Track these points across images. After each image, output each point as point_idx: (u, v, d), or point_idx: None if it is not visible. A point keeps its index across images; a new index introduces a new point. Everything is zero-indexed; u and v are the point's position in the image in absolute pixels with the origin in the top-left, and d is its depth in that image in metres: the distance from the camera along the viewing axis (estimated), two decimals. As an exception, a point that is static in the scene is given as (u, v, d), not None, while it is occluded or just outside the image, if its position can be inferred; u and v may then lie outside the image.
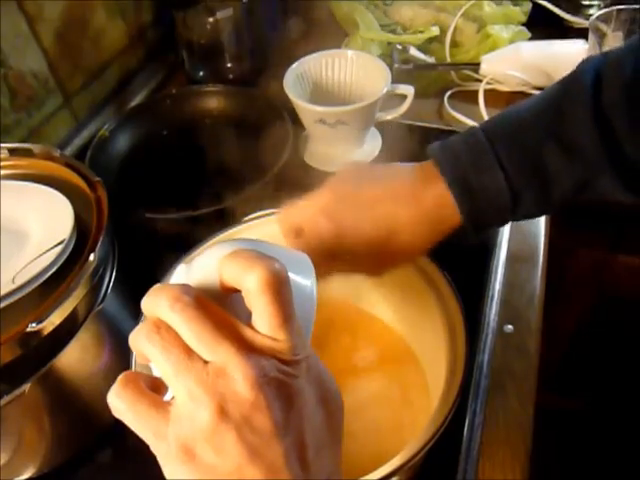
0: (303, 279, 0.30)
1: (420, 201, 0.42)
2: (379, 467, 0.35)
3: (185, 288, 0.26)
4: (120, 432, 0.53)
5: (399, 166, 0.45)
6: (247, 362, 0.24)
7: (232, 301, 0.27)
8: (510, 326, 0.58)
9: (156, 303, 0.26)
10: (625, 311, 1.01)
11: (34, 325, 0.40)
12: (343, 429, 0.29)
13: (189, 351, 0.25)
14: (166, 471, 0.26)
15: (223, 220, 0.64)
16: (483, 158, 0.40)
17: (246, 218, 0.56)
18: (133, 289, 0.53)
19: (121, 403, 0.26)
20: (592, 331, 1.06)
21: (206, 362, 0.25)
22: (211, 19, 0.85)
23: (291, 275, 0.27)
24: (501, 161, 0.40)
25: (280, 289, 0.25)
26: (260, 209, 0.59)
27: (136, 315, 0.46)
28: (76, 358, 0.47)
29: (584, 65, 0.41)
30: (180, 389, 0.25)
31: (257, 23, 0.90)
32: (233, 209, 0.65)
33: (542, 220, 0.68)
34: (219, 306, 0.26)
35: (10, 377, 0.43)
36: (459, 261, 0.48)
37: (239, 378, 0.24)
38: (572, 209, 0.79)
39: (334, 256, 0.44)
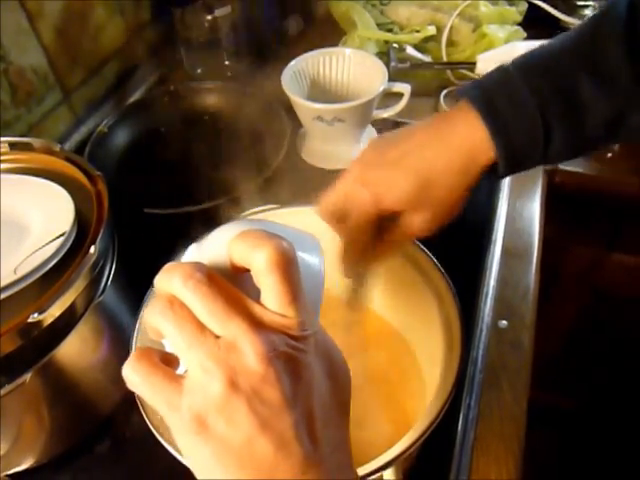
0: (311, 257, 0.30)
1: (450, 142, 0.42)
2: (373, 458, 0.36)
3: (198, 265, 0.27)
4: (118, 423, 0.54)
5: (424, 120, 0.44)
6: (257, 337, 0.25)
7: (242, 280, 0.28)
8: (504, 321, 0.58)
9: (169, 280, 0.26)
10: (619, 309, 1.01)
11: (36, 315, 0.41)
12: (350, 404, 0.29)
13: (201, 326, 0.26)
14: (179, 442, 0.26)
15: (220, 216, 0.64)
16: (515, 89, 0.40)
17: (243, 214, 0.56)
18: (132, 283, 0.54)
19: (136, 376, 0.26)
20: (586, 329, 1.07)
21: (218, 337, 0.25)
22: (209, 17, 0.85)
23: (299, 254, 0.27)
24: (533, 90, 0.39)
25: (288, 267, 0.26)
26: (258, 205, 0.60)
27: (135, 308, 0.47)
28: (75, 349, 0.48)
29: None
30: (193, 362, 0.25)
31: (255, 21, 0.90)
32: (231, 205, 0.66)
33: (536, 217, 0.69)
34: (231, 284, 0.27)
35: (10, 368, 0.43)
36: (454, 257, 0.48)
37: (249, 352, 0.25)
38: (565, 206, 0.81)
39: (382, 227, 0.44)
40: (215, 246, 0.29)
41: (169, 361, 0.27)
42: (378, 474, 0.35)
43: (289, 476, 0.25)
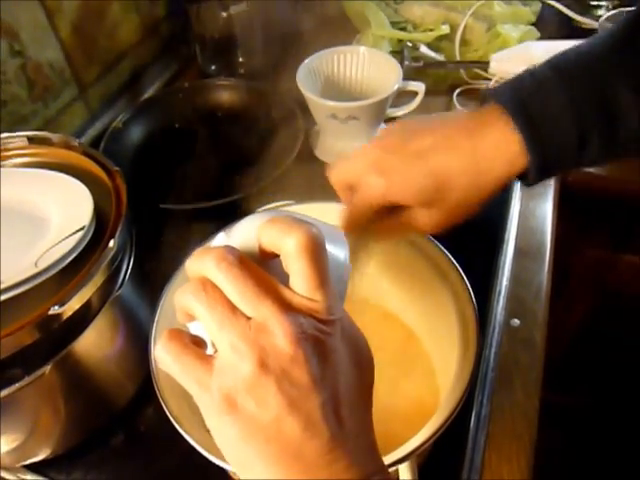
0: (336, 249, 0.31)
1: (479, 146, 0.40)
2: (386, 454, 0.36)
3: (229, 249, 0.27)
4: (133, 417, 0.55)
5: (452, 113, 0.42)
6: (287, 319, 0.25)
7: (271, 266, 0.28)
8: (517, 320, 0.59)
9: (202, 262, 0.27)
10: (628, 310, 1.01)
11: (56, 308, 0.41)
12: (373, 390, 0.30)
13: (233, 307, 0.26)
14: (209, 422, 0.27)
15: (235, 212, 0.65)
16: (551, 97, 0.38)
17: (258, 210, 0.57)
18: (148, 277, 0.55)
19: (167, 355, 0.27)
20: (596, 329, 1.07)
21: (248, 318, 0.26)
22: (224, 14, 0.86)
23: (326, 244, 0.28)
24: (571, 101, 0.38)
25: (317, 252, 0.27)
26: (272, 201, 0.60)
27: (151, 303, 0.47)
28: (93, 343, 0.48)
29: None
30: (224, 343, 0.26)
31: (270, 18, 0.91)
32: (245, 201, 0.66)
33: (549, 216, 0.69)
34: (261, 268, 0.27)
35: (29, 360, 0.44)
36: (467, 256, 0.48)
37: (279, 334, 0.25)
38: (576, 207, 0.81)
39: (389, 211, 0.43)
40: (244, 233, 0.29)
41: (197, 344, 0.28)
42: (394, 468, 0.35)
43: (315, 455, 0.25)
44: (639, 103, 0.37)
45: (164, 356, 0.27)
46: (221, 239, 0.31)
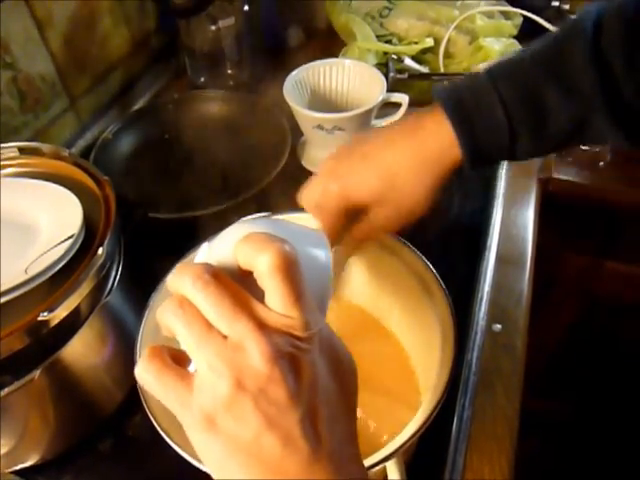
0: (318, 253, 0.31)
1: (417, 140, 0.43)
2: (372, 452, 0.37)
3: (206, 267, 0.28)
4: (121, 422, 0.55)
5: (399, 119, 0.47)
6: (262, 338, 0.26)
7: (252, 281, 0.28)
8: (498, 325, 0.60)
9: (180, 281, 0.27)
10: (613, 316, 1.02)
11: (45, 314, 0.42)
12: (357, 400, 0.30)
13: (209, 326, 0.27)
14: (192, 439, 0.27)
15: (222, 221, 0.66)
16: (483, 92, 0.42)
17: (244, 219, 0.57)
18: (136, 285, 0.55)
19: (148, 375, 0.27)
20: (580, 336, 1.08)
21: (225, 336, 0.26)
22: (213, 27, 0.87)
23: (306, 250, 0.28)
24: (501, 96, 0.41)
25: (289, 270, 0.27)
26: (260, 211, 0.61)
27: (139, 310, 0.48)
28: (81, 349, 0.49)
29: (585, 9, 0.42)
30: (201, 361, 0.26)
31: (258, 32, 0.92)
32: (233, 211, 0.67)
33: (530, 224, 0.71)
34: (239, 285, 0.28)
35: (18, 366, 0.44)
36: (450, 263, 0.50)
37: (255, 353, 0.25)
38: (560, 215, 0.83)
39: (352, 218, 0.46)
40: (224, 248, 0.30)
41: (181, 359, 0.28)
42: (381, 466, 0.36)
43: (297, 470, 0.26)
44: (565, 101, 0.40)
45: (145, 375, 0.27)
46: (204, 252, 0.31)
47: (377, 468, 0.36)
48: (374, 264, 0.54)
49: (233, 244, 0.29)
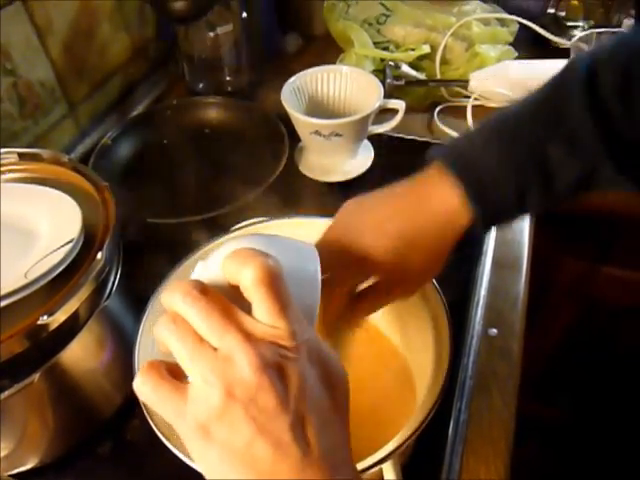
0: (306, 265, 0.32)
1: (427, 208, 0.42)
2: (369, 455, 0.38)
3: (196, 283, 0.29)
4: (119, 426, 0.56)
5: (398, 184, 0.45)
6: (251, 349, 0.27)
7: (242, 294, 0.30)
8: (494, 329, 0.60)
9: (172, 298, 0.29)
10: (608, 321, 1.03)
11: (45, 318, 0.42)
12: (349, 408, 0.31)
13: (201, 340, 0.28)
14: (188, 447, 0.28)
15: (221, 226, 0.66)
16: (489, 158, 0.41)
17: (238, 225, 0.58)
18: (135, 290, 0.56)
19: (145, 387, 0.29)
20: (576, 340, 1.09)
21: (216, 349, 0.28)
22: (212, 34, 0.88)
23: (295, 262, 0.30)
24: (506, 161, 0.41)
25: (273, 282, 0.28)
26: (257, 216, 0.62)
27: (138, 314, 0.48)
28: (80, 353, 0.49)
29: (576, 58, 0.41)
30: (195, 373, 0.28)
31: (256, 38, 0.93)
32: (231, 216, 0.67)
33: (526, 229, 0.71)
34: (230, 299, 0.29)
35: (17, 369, 0.45)
36: (447, 268, 0.50)
37: (244, 363, 0.27)
38: (557, 220, 0.83)
39: (364, 293, 0.44)
40: (215, 265, 0.31)
41: (176, 372, 0.29)
42: (377, 467, 0.37)
43: (289, 475, 0.27)
44: (569, 156, 0.40)
45: (142, 388, 0.29)
46: (198, 270, 0.33)
47: (373, 470, 0.37)
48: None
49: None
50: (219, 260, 0.31)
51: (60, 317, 0.44)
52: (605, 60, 0.40)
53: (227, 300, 0.29)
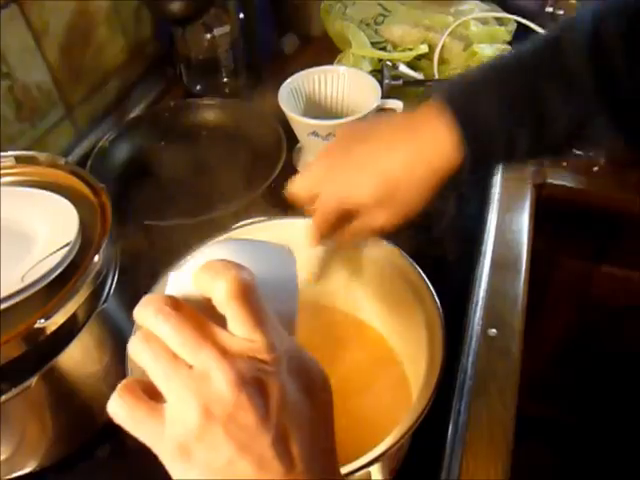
0: (284, 272, 0.32)
1: (417, 145, 0.43)
2: (359, 457, 0.37)
3: (168, 299, 0.28)
4: (119, 429, 0.55)
5: (392, 116, 0.46)
6: (227, 365, 0.26)
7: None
8: (494, 330, 0.60)
9: (143, 315, 0.28)
10: (609, 320, 1.03)
11: (42, 321, 0.42)
12: (333, 416, 0.30)
13: (175, 357, 0.27)
14: (169, 469, 0.27)
15: (218, 228, 0.66)
16: (484, 97, 0.42)
17: (236, 225, 0.58)
18: (132, 292, 0.56)
19: (121, 410, 0.27)
20: (575, 340, 1.08)
21: (191, 366, 0.27)
22: (208, 35, 0.88)
23: (271, 269, 0.29)
24: (502, 100, 0.41)
25: (246, 295, 0.27)
26: (255, 217, 0.61)
27: (135, 317, 0.48)
28: (78, 356, 0.49)
29: (582, 8, 0.42)
30: (170, 393, 0.27)
31: (253, 40, 0.93)
32: (229, 217, 0.67)
33: (525, 229, 0.71)
34: (205, 312, 0.28)
35: (15, 373, 0.45)
36: (446, 268, 0.50)
37: (220, 380, 0.26)
38: (556, 220, 0.83)
39: (346, 218, 0.46)
40: (187, 277, 0.30)
41: (153, 391, 0.28)
42: (365, 470, 0.36)
43: None
44: (565, 100, 0.40)
45: (117, 410, 0.27)
46: (171, 281, 0.32)
47: (360, 473, 0.36)
48: (362, 269, 0.54)
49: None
50: (189, 272, 0.30)
51: (58, 320, 0.44)
52: (612, 9, 0.40)
53: (201, 315, 0.28)
